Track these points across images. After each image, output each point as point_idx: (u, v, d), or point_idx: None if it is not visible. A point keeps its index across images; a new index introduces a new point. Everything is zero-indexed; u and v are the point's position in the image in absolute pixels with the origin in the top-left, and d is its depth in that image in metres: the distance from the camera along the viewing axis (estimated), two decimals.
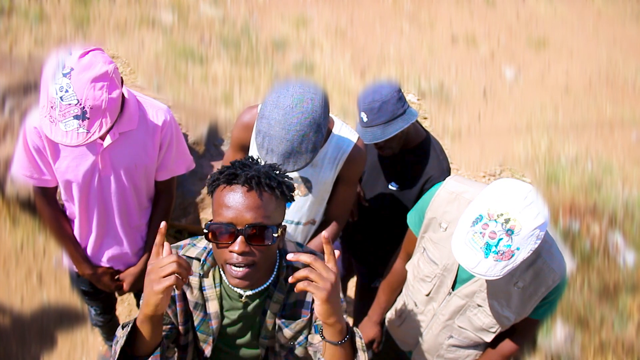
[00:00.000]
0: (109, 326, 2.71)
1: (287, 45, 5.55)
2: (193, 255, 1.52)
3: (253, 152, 2.09)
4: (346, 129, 2.09)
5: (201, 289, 1.52)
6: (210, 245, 1.49)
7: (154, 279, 1.28)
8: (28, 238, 3.36)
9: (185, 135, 3.52)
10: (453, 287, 1.91)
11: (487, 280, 1.82)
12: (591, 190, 4.58)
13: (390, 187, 2.42)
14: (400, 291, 2.17)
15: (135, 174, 2.02)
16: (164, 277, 1.27)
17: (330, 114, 2.09)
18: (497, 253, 1.55)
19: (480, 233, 1.56)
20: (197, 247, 1.54)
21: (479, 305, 1.87)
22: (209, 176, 1.40)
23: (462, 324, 1.93)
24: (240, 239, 1.32)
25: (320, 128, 1.79)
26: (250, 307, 1.53)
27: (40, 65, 3.53)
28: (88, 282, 2.32)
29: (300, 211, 2.13)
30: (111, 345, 2.86)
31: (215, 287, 1.52)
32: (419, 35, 6.16)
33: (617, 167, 4.89)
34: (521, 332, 1.93)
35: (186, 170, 2.19)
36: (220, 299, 1.53)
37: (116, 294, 2.60)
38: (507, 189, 1.58)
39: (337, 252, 1.35)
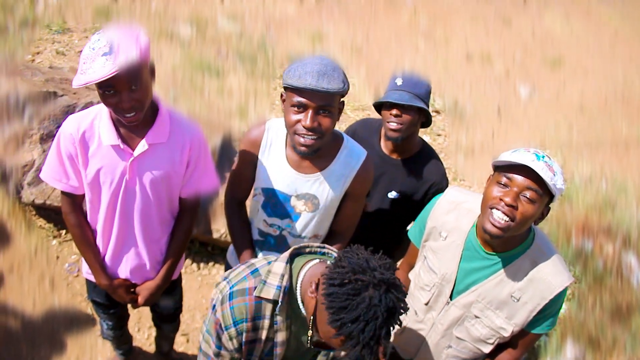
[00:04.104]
0: (119, 340, 2.74)
1: None
2: (270, 297, 1.53)
3: (261, 169, 2.11)
4: (354, 145, 2.11)
5: (272, 324, 1.55)
6: (285, 282, 1.52)
7: None
8: (42, 243, 3.41)
9: None
10: (451, 297, 1.91)
11: (484, 291, 1.83)
12: (605, 210, 4.53)
13: (389, 195, 2.43)
14: None
15: (161, 187, 2.04)
16: None
17: (338, 129, 2.11)
18: (545, 162, 1.63)
19: (525, 150, 1.67)
20: (271, 285, 1.54)
21: (476, 317, 1.87)
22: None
23: (460, 334, 1.94)
24: None
25: (345, 76, 1.90)
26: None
27: (61, 75, 3.63)
28: (104, 294, 2.33)
29: (306, 227, 2.14)
30: (121, 353, 2.89)
31: (286, 320, 1.55)
32: (434, 52, 6.19)
33: (632, 187, 4.84)
34: (518, 345, 1.93)
35: (211, 190, 2.18)
36: (290, 329, 1.57)
37: (129, 309, 2.63)
38: None
39: None
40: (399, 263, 2.36)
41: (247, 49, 5.59)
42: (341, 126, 4.86)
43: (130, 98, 1.78)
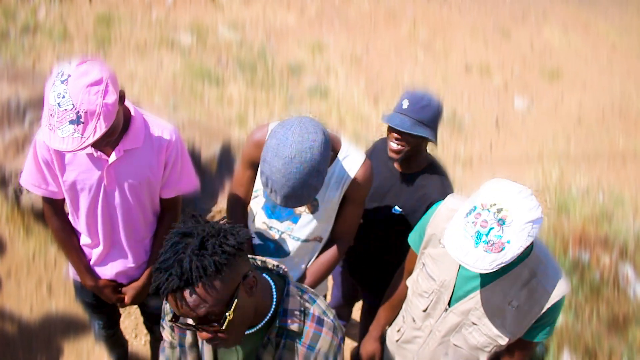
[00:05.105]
0: (112, 340, 2.74)
1: (302, 70, 5.64)
2: None
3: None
4: (353, 150, 2.12)
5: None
6: None
7: None
8: (40, 248, 3.41)
9: (199, 153, 3.59)
10: (449, 304, 1.92)
11: (482, 298, 1.83)
12: (602, 222, 4.55)
13: (393, 211, 2.43)
14: (401, 308, 2.19)
15: (140, 190, 2.05)
16: None
17: (338, 134, 2.13)
18: (487, 243, 1.53)
19: (473, 222, 1.56)
20: None
21: (474, 324, 1.87)
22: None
23: (458, 341, 1.94)
24: (199, 332, 1.33)
25: (320, 172, 1.84)
26: (245, 351, 1.54)
27: None
28: (91, 294, 2.34)
29: (306, 228, 2.15)
30: (116, 358, 2.89)
31: None
32: (433, 63, 6.23)
33: (629, 198, 4.86)
34: (516, 353, 1.93)
35: (191, 190, 2.21)
36: None
37: (120, 309, 2.64)
38: (502, 183, 1.61)
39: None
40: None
41: (247, 57, 5.63)
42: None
43: (104, 142, 1.81)
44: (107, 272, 2.23)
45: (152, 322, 2.66)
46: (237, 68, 5.46)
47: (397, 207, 2.42)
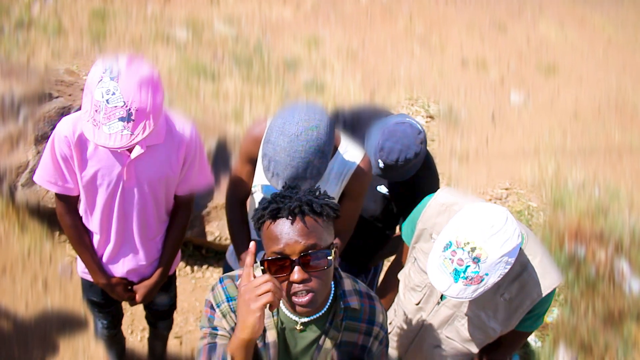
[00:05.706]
0: (113, 339, 2.74)
1: (298, 65, 5.63)
2: None
3: (261, 165, 2.13)
4: (352, 146, 2.12)
5: None
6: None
7: (249, 298, 1.31)
8: (35, 245, 3.40)
9: None
10: (442, 297, 1.93)
11: None
12: (598, 216, 4.56)
13: (378, 189, 2.43)
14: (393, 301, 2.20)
15: (158, 187, 2.05)
16: (260, 295, 1.31)
17: (337, 130, 2.13)
18: (465, 278, 1.59)
19: (450, 259, 1.61)
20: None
21: (466, 316, 1.89)
22: (253, 212, 1.42)
23: (450, 334, 1.95)
24: (297, 268, 1.34)
25: (324, 154, 1.82)
26: (306, 340, 1.55)
27: (56, 76, 3.63)
28: (100, 293, 2.34)
29: None
30: (114, 355, 2.88)
31: (272, 316, 1.53)
32: (430, 58, 6.22)
33: (625, 193, 4.88)
34: (507, 344, 1.95)
35: (205, 187, 2.22)
36: (278, 328, 1.54)
37: (123, 309, 2.63)
38: (475, 216, 1.62)
39: None
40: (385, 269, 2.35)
41: (243, 52, 5.61)
42: None
43: (145, 141, 1.82)
44: (118, 269, 2.22)
45: (157, 318, 2.66)
46: (232, 63, 5.43)
47: (383, 187, 2.43)
